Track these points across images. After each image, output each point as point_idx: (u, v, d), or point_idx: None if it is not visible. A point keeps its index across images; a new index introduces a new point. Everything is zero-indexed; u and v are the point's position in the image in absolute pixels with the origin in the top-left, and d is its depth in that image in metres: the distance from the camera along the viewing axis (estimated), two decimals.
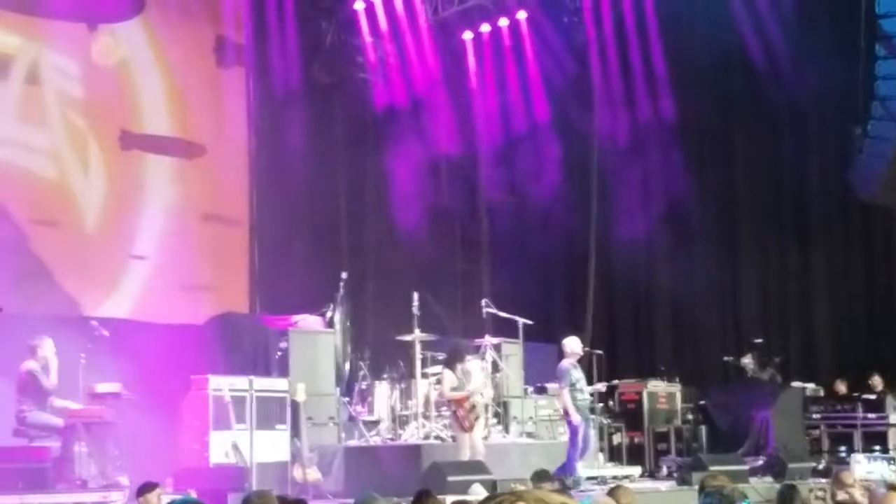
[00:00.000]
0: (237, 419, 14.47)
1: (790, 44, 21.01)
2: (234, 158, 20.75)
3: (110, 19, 19.26)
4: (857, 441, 18.70)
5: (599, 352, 16.41)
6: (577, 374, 15.31)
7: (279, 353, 16.33)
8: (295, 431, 14.85)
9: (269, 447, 14.80)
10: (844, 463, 17.13)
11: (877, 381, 19.76)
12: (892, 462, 15.56)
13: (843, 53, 19.66)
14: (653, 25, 21.65)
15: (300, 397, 14.88)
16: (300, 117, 20.66)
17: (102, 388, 13.92)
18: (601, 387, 15.92)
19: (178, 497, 10.11)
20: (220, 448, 14.29)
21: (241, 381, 14.86)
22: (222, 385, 14.56)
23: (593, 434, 16.66)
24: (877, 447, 18.41)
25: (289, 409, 15.03)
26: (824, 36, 20.68)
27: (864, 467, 15.29)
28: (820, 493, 13.27)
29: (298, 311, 17.65)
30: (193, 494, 10.73)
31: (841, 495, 10.74)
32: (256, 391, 14.89)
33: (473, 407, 14.70)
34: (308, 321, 17.27)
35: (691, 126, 22.64)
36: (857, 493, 10.82)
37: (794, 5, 20.94)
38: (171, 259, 19.47)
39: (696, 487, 14.55)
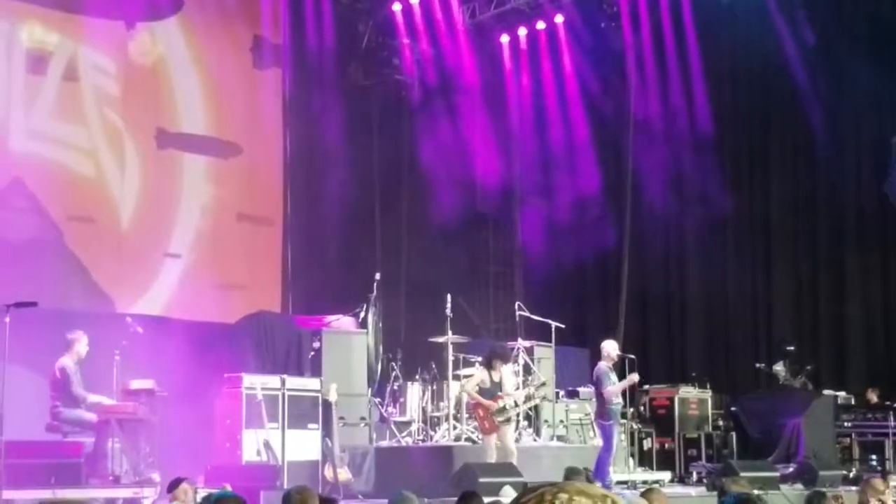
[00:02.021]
0: (269, 418, 14.49)
1: (827, 54, 20.95)
2: (270, 158, 20.84)
3: (148, 18, 19.37)
4: (888, 450, 18.61)
5: (632, 356, 16.37)
6: (614, 377, 15.33)
7: (312, 353, 16.37)
8: (326, 431, 14.87)
9: (300, 446, 14.82)
10: (875, 471, 17.06)
11: None
12: None
13: (880, 63, 19.61)
14: (691, 33, 21.60)
15: (332, 397, 14.91)
16: (336, 118, 20.75)
17: (136, 384, 13.96)
18: (634, 377, 15.75)
19: (214, 490, 10.14)
20: (252, 446, 14.33)
21: (273, 380, 14.88)
22: (255, 384, 14.58)
23: (623, 438, 16.68)
24: None
25: (321, 409, 15.06)
26: (862, 46, 20.62)
27: None
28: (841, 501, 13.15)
29: (331, 311, 17.70)
30: (228, 488, 10.75)
31: (873, 503, 10.69)
32: (289, 390, 14.91)
33: (503, 409, 14.67)
34: (341, 322, 17.32)
35: (727, 133, 22.58)
36: (890, 500, 10.78)
37: (831, 16, 20.90)
38: (206, 257, 19.59)
39: None
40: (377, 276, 17.79)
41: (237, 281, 19.97)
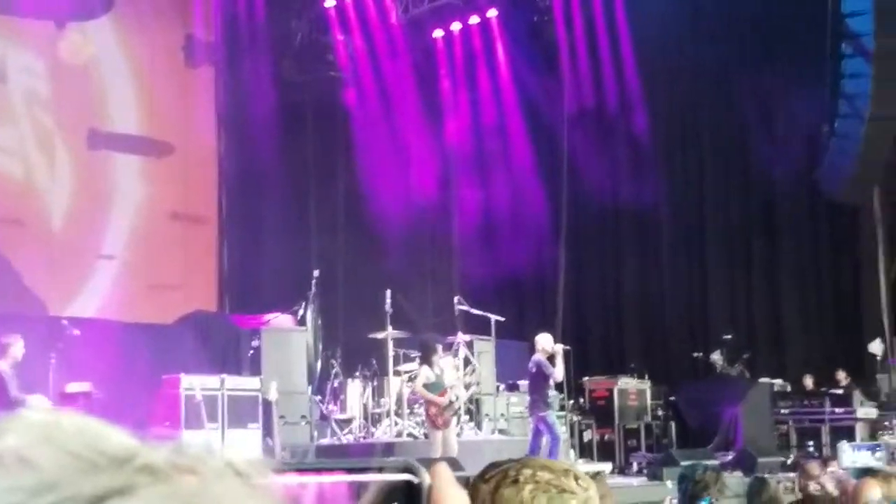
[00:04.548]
0: (209, 418, 14.39)
1: (759, 44, 21.17)
2: (204, 157, 20.72)
3: (78, 17, 19.16)
4: (825, 435, 18.84)
5: (567, 347, 16.43)
6: (550, 370, 15.36)
7: (251, 352, 16.29)
8: (267, 430, 14.80)
9: (240, 446, 14.69)
10: (813, 457, 17.26)
11: (842, 376, 19.96)
12: (876, 450, 15.59)
13: (810, 52, 19.83)
14: (623, 26, 21.73)
15: (272, 396, 14.83)
16: (270, 115, 20.65)
17: (73, 387, 13.81)
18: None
19: None
20: None
21: (212, 380, 14.76)
22: (194, 384, 14.44)
23: (564, 430, 16.76)
24: (844, 441, 18.55)
25: (261, 408, 14.98)
26: (792, 35, 20.84)
27: (850, 456, 15.34)
28: (789, 485, 13.35)
29: (269, 309, 17.61)
30: None
31: (812, 486, 10.80)
32: (228, 390, 14.79)
33: (451, 403, 14.69)
34: (279, 319, 17.24)
35: (661, 126, 22.71)
36: (829, 485, 10.90)
37: (760, 5, 21.12)
38: (140, 258, 19.43)
39: (667, 483, 14.68)
40: (315, 273, 17.72)
41: (173, 281, 19.82)
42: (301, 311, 17.15)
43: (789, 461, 17.80)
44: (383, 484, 1.00)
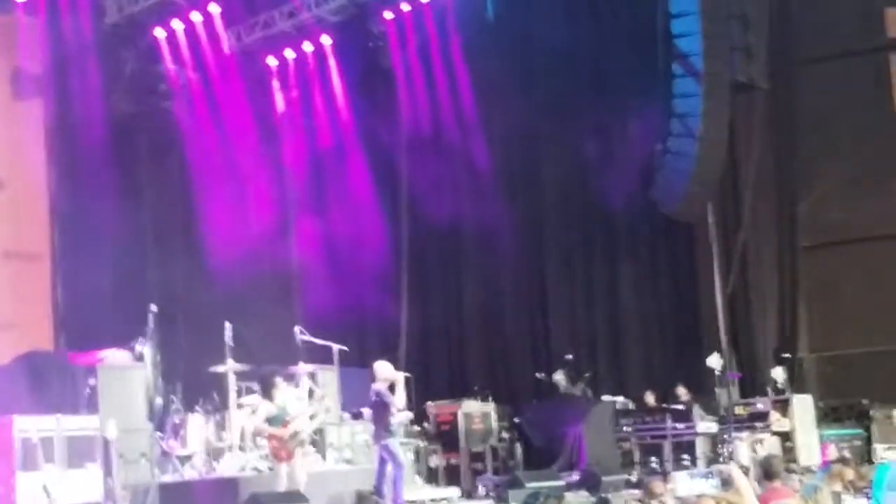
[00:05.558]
0: (46, 459, 14.01)
1: (594, 66, 21.47)
2: (35, 192, 20.21)
3: None
4: (667, 451, 19.11)
5: (408, 374, 16.39)
6: (389, 398, 15.31)
7: (88, 390, 15.88)
8: (106, 469, 14.46)
9: (80, 487, 14.37)
10: (655, 473, 17.49)
11: (682, 392, 20.28)
12: (709, 477, 15.88)
13: (644, 73, 20.20)
14: (457, 51, 21.85)
15: (111, 434, 14.50)
16: (102, 147, 20.23)
17: None
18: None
19: None
20: (29, 491, 13.82)
21: (48, 421, 14.39)
22: (29, 426, 14.08)
23: (410, 457, 16.72)
24: (686, 456, 18.87)
25: (100, 447, 14.63)
26: (626, 57, 21.18)
27: (688, 485, 15.56)
28: None
29: (106, 346, 17.22)
30: None
31: None
32: (65, 430, 14.44)
33: (295, 435, 14.55)
34: (116, 356, 16.85)
35: (499, 148, 22.85)
36: (670, 501, 11.10)
37: (592, 25, 21.44)
38: None
39: None
40: (153, 307, 17.38)
41: (6, 320, 19.26)
42: (139, 347, 16.81)
43: (633, 478, 18.04)
44: None
